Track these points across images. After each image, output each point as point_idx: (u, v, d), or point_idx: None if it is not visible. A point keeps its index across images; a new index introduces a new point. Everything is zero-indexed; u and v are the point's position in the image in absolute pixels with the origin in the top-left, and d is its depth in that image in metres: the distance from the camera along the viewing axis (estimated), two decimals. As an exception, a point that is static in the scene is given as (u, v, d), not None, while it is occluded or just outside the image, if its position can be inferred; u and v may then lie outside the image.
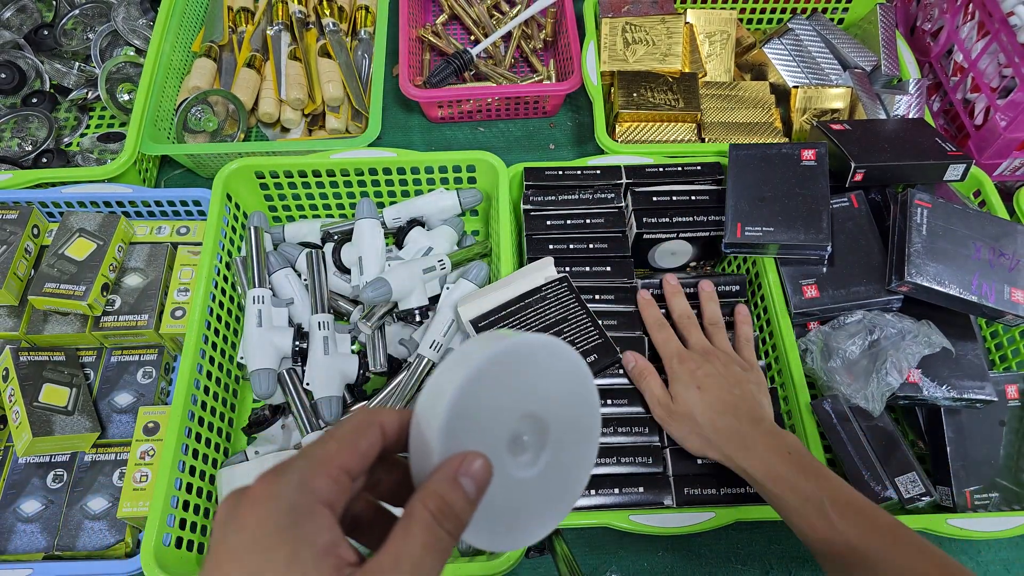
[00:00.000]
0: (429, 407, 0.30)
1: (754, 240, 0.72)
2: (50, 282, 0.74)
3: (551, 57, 1.10)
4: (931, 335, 0.67)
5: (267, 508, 0.27)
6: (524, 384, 0.32)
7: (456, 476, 0.29)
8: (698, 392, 0.63)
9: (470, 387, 0.30)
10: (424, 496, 0.28)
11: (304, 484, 0.27)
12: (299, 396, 0.71)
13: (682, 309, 0.70)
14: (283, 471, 0.28)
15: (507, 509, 0.32)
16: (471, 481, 0.29)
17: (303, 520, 0.27)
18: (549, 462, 0.34)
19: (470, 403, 0.30)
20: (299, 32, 1.03)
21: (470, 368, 0.30)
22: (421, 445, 0.30)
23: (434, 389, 0.30)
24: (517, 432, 0.33)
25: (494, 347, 0.30)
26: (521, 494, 0.33)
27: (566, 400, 0.34)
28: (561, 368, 0.33)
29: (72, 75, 1.03)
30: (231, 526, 0.27)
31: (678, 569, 0.71)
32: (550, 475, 0.34)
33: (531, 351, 0.32)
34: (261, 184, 0.83)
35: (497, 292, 0.70)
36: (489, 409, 0.31)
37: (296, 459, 0.29)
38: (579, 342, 0.67)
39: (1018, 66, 0.80)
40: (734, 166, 0.76)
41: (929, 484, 0.64)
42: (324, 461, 0.28)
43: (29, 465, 0.71)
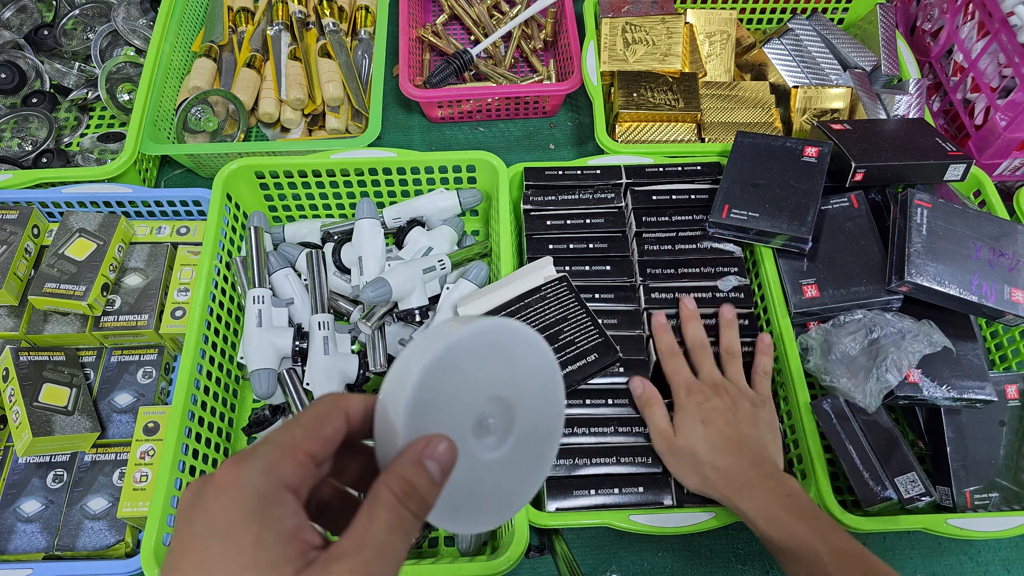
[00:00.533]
0: (394, 391, 0.30)
1: (738, 223, 0.73)
2: (50, 282, 0.74)
3: (551, 57, 1.10)
4: (932, 334, 0.67)
5: (232, 494, 0.27)
6: (490, 367, 0.32)
7: (421, 458, 0.29)
8: (702, 427, 0.61)
9: (435, 370, 0.30)
10: (388, 478, 0.29)
11: (269, 470, 0.28)
12: (299, 396, 0.71)
13: (696, 337, 0.68)
14: (247, 457, 0.28)
15: (472, 491, 0.32)
16: (436, 463, 0.29)
17: (268, 505, 0.27)
18: (514, 445, 0.34)
19: (435, 386, 0.30)
20: (299, 32, 1.03)
21: (435, 352, 0.30)
22: (386, 429, 0.30)
23: (399, 373, 0.30)
24: (483, 415, 0.33)
25: (459, 331, 0.30)
26: (486, 476, 0.33)
27: (532, 385, 0.34)
28: (527, 353, 0.34)
29: (72, 75, 1.03)
30: (196, 512, 0.27)
31: (678, 569, 0.71)
32: (515, 458, 0.34)
33: (497, 335, 0.32)
34: (261, 184, 0.83)
35: (497, 292, 0.70)
36: (454, 392, 0.31)
37: (260, 445, 0.29)
38: (579, 341, 0.67)
39: (1018, 66, 0.80)
40: (736, 152, 0.77)
41: (929, 484, 0.64)
42: (289, 447, 0.29)
43: (29, 465, 0.71)
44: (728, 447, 0.60)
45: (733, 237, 0.75)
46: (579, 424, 0.67)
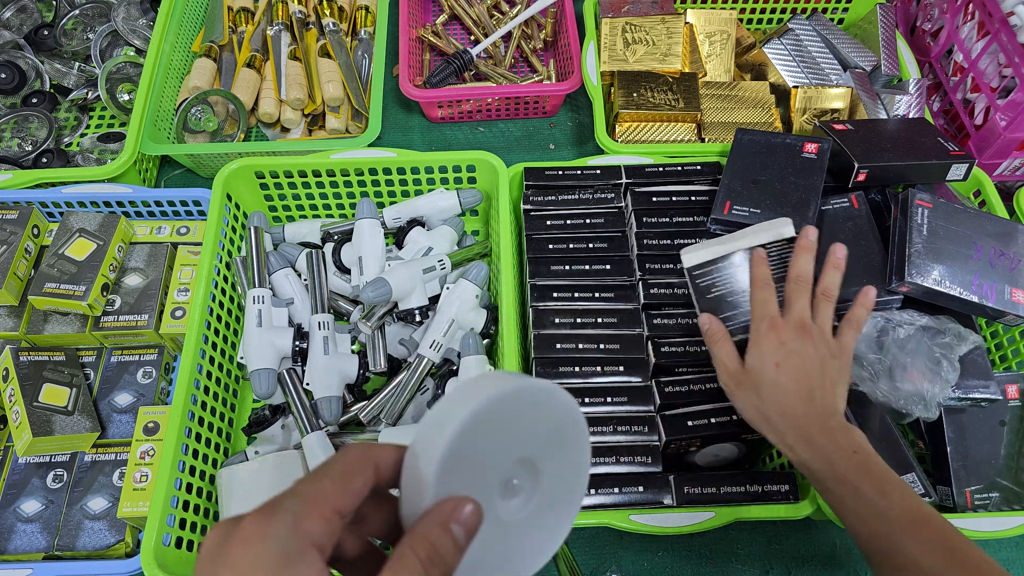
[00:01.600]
0: (426, 446, 0.30)
1: (740, 219, 0.73)
2: (50, 282, 0.74)
3: (551, 57, 1.10)
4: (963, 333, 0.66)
5: (258, 548, 0.27)
6: (520, 428, 0.32)
7: (448, 521, 0.29)
8: (776, 369, 0.58)
9: (469, 429, 0.29)
10: (415, 542, 0.28)
11: (296, 525, 0.27)
12: (299, 396, 0.71)
13: (801, 271, 0.63)
14: (275, 510, 0.28)
15: (491, 552, 0.32)
16: (461, 528, 0.29)
17: (294, 563, 0.27)
18: (537, 506, 0.33)
19: (467, 445, 0.30)
20: (299, 32, 1.03)
21: (471, 408, 0.29)
22: (414, 485, 0.30)
23: (432, 429, 0.30)
24: (509, 475, 0.32)
25: (496, 390, 0.30)
26: (507, 537, 0.33)
27: (560, 445, 0.34)
28: (557, 413, 0.33)
29: (72, 75, 1.03)
30: (220, 562, 0.27)
31: (678, 569, 0.71)
32: (537, 519, 0.34)
33: (531, 396, 0.32)
34: (261, 184, 0.83)
35: (723, 244, 0.68)
36: (485, 452, 0.31)
37: (288, 497, 0.28)
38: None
39: (1018, 66, 0.80)
40: (736, 148, 0.77)
41: (928, 485, 0.64)
42: (317, 502, 0.28)
43: (29, 465, 0.71)
44: (799, 394, 0.57)
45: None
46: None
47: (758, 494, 0.65)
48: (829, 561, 0.72)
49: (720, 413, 0.67)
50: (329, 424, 0.71)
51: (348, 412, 0.73)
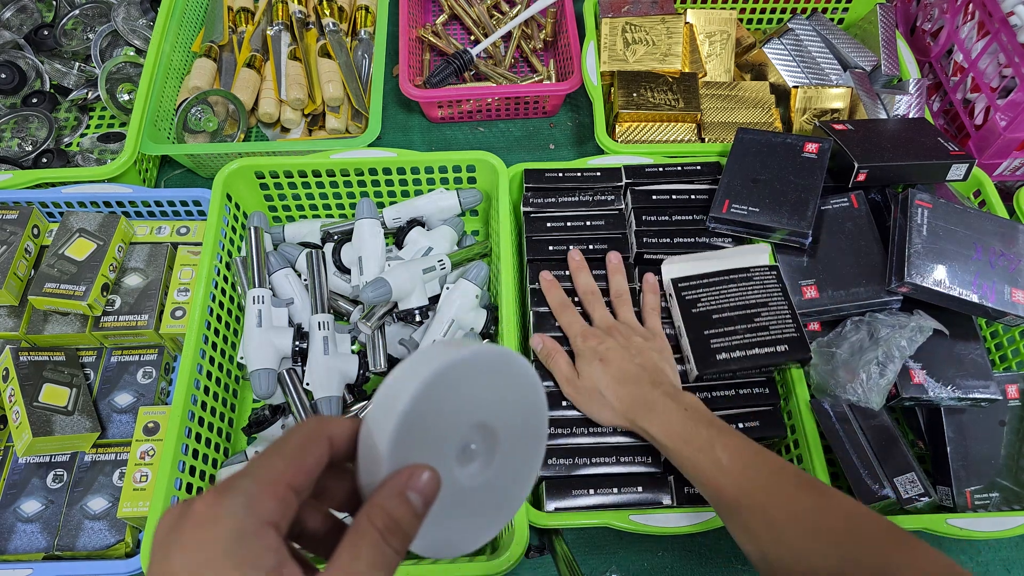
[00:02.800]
0: (379, 418, 0.30)
1: (739, 218, 0.73)
2: (50, 282, 0.74)
3: (551, 57, 1.10)
4: (921, 321, 0.67)
5: (212, 530, 0.26)
6: (476, 394, 0.32)
7: (404, 490, 0.29)
8: (601, 365, 0.64)
9: (422, 398, 0.29)
10: (371, 512, 0.28)
11: (249, 505, 0.27)
12: (299, 396, 0.71)
13: (585, 285, 0.72)
14: (227, 491, 0.27)
15: (451, 517, 0.32)
16: (418, 496, 0.29)
17: (248, 542, 0.26)
18: (496, 471, 0.33)
19: (421, 413, 0.30)
20: (299, 32, 1.03)
21: (422, 378, 0.29)
22: (369, 456, 0.30)
23: (385, 399, 0.30)
24: (466, 441, 0.32)
25: (448, 357, 0.30)
26: (466, 502, 0.33)
27: (516, 410, 0.34)
28: (514, 378, 0.33)
29: (72, 75, 1.03)
30: (173, 546, 0.27)
31: (678, 569, 0.71)
32: (496, 483, 0.34)
33: (484, 362, 0.32)
34: (261, 184, 0.83)
35: (706, 261, 0.72)
36: (440, 419, 0.31)
37: (240, 477, 0.28)
38: (773, 329, 0.67)
39: (1018, 66, 0.80)
40: (736, 147, 0.78)
41: (928, 485, 0.64)
42: (269, 480, 0.28)
43: (29, 465, 0.71)
44: (627, 378, 0.63)
45: (733, 232, 0.75)
46: (578, 424, 0.67)
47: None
48: (829, 561, 0.72)
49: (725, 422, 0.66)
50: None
51: (348, 412, 0.73)
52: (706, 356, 0.66)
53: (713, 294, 0.69)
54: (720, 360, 0.66)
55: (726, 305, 0.69)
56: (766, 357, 0.66)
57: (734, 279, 0.70)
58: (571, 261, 0.74)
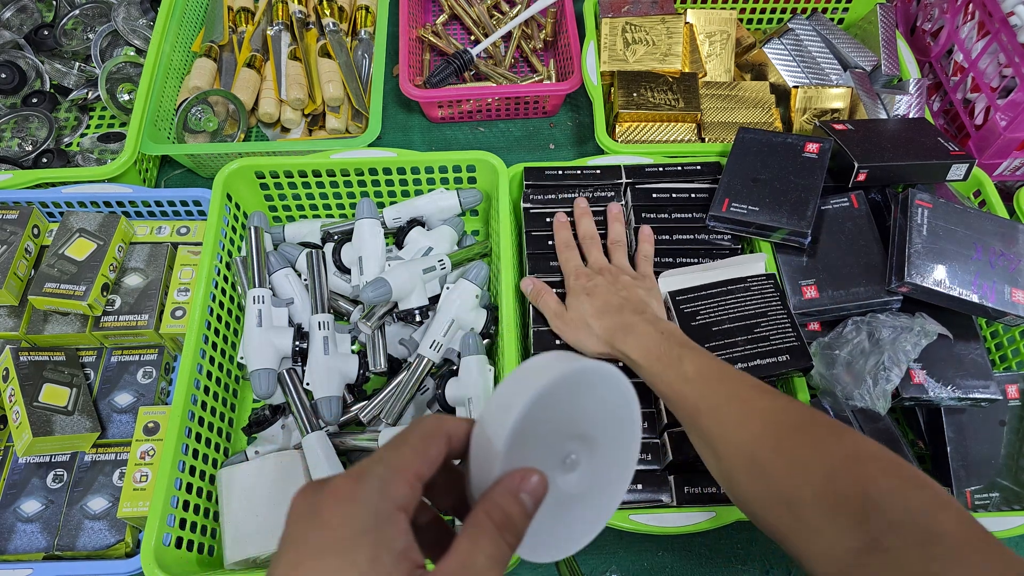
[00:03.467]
0: (495, 421, 0.31)
1: (738, 217, 0.73)
2: (50, 282, 0.74)
3: (551, 57, 1.10)
4: (925, 324, 0.67)
5: (351, 508, 0.28)
6: (580, 406, 0.34)
7: (517, 490, 0.30)
8: (587, 298, 0.67)
9: (537, 404, 0.31)
10: (489, 508, 0.30)
11: (385, 489, 0.29)
12: (299, 396, 0.71)
13: (586, 229, 0.74)
14: (364, 474, 0.29)
15: (551, 522, 0.34)
16: (529, 496, 0.31)
17: (383, 524, 0.28)
18: (592, 480, 0.35)
19: (533, 421, 0.31)
20: (299, 32, 1.03)
21: (539, 386, 0.31)
22: (483, 456, 0.32)
23: (501, 403, 0.32)
24: (569, 451, 0.34)
25: (562, 368, 0.32)
26: (565, 509, 0.35)
27: (614, 423, 0.36)
28: (614, 392, 0.35)
29: (72, 75, 1.03)
30: (313, 523, 0.28)
31: (678, 569, 0.71)
32: (592, 492, 0.36)
33: (592, 375, 0.33)
34: (261, 184, 0.83)
35: (703, 273, 0.72)
36: (548, 427, 0.33)
37: (374, 463, 0.30)
38: (774, 339, 0.67)
39: (1018, 66, 0.80)
40: (737, 147, 0.78)
41: (929, 484, 0.64)
42: (401, 468, 0.30)
43: (29, 465, 0.71)
44: (610, 309, 0.65)
45: (733, 231, 0.75)
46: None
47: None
48: (829, 561, 0.72)
49: None
50: (329, 424, 0.71)
51: (348, 412, 0.73)
52: None
53: (711, 306, 0.69)
54: None
55: (725, 317, 0.68)
56: (768, 368, 0.65)
57: (732, 290, 0.70)
58: (576, 207, 0.76)
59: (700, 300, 0.70)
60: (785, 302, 0.69)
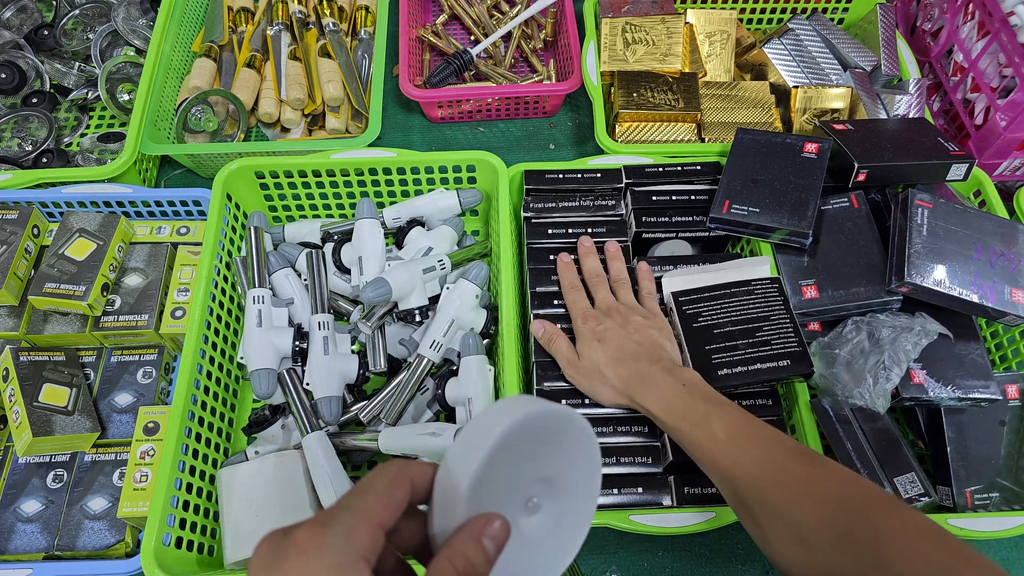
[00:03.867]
0: (459, 465, 0.32)
1: (739, 218, 0.73)
2: (50, 282, 0.74)
3: (551, 57, 1.10)
4: (926, 324, 0.67)
5: (314, 559, 0.28)
6: (543, 449, 0.34)
7: (480, 536, 0.30)
8: (599, 345, 0.65)
9: (500, 448, 0.31)
10: (452, 554, 0.30)
11: (348, 538, 0.29)
12: (299, 396, 0.71)
13: (591, 268, 0.73)
14: (328, 523, 0.29)
15: (514, 564, 0.34)
16: (492, 542, 0.31)
17: (347, 574, 0.28)
18: (555, 521, 0.36)
19: (496, 465, 0.31)
20: (299, 32, 1.03)
21: (501, 430, 0.31)
22: (447, 501, 0.32)
23: (465, 447, 0.32)
24: (531, 493, 0.35)
25: (525, 411, 0.32)
26: (528, 551, 0.35)
27: (575, 465, 0.36)
28: (574, 436, 0.35)
29: (72, 75, 1.03)
30: (275, 573, 0.28)
31: (678, 569, 0.71)
32: (555, 534, 0.36)
33: (555, 419, 0.34)
34: (261, 184, 0.83)
35: (707, 274, 0.72)
36: (511, 471, 0.33)
37: (339, 511, 0.30)
38: (775, 343, 0.66)
39: (1018, 66, 0.80)
40: (736, 148, 0.77)
41: (928, 485, 0.64)
42: (365, 516, 0.30)
43: (29, 465, 0.71)
44: (625, 356, 0.63)
45: (733, 232, 0.75)
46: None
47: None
48: (829, 561, 0.72)
49: None
50: (329, 424, 0.71)
51: (348, 412, 0.73)
52: (707, 371, 0.65)
53: (714, 308, 0.69)
54: (721, 375, 0.65)
55: (727, 319, 0.68)
56: (768, 372, 0.65)
57: (735, 292, 0.70)
58: (580, 247, 0.75)
59: (703, 302, 0.70)
60: (788, 307, 0.69)
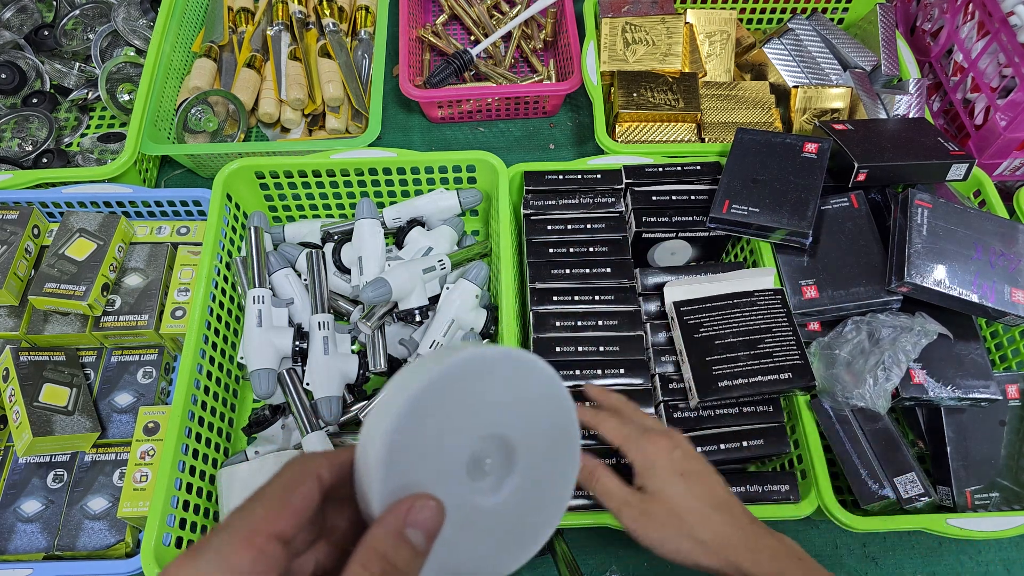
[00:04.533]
0: (368, 445, 0.27)
1: (739, 218, 0.73)
2: (50, 282, 0.74)
3: (551, 57, 1.10)
4: (925, 324, 0.67)
5: None
6: (481, 403, 0.29)
7: (402, 528, 0.26)
8: (683, 481, 0.50)
9: (410, 415, 0.27)
10: (366, 559, 0.25)
11: (221, 562, 0.25)
12: (299, 396, 0.71)
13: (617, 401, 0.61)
14: (199, 550, 0.25)
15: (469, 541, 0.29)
16: (420, 532, 0.26)
17: None
18: (518, 486, 0.30)
19: (413, 432, 0.27)
20: (299, 32, 1.03)
21: (407, 396, 0.26)
22: (363, 486, 0.27)
23: (373, 423, 0.28)
24: (478, 455, 0.29)
25: (438, 366, 0.27)
26: (486, 524, 0.29)
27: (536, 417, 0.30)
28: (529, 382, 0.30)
29: (72, 75, 1.03)
30: None
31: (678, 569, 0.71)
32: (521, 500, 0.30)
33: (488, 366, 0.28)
34: (261, 184, 0.83)
35: (708, 284, 0.71)
36: (438, 435, 0.28)
37: (216, 533, 0.26)
38: (777, 355, 0.66)
39: (1018, 66, 0.80)
40: (736, 148, 0.77)
41: (928, 485, 0.64)
42: (246, 532, 0.26)
43: (29, 465, 0.71)
44: (720, 505, 0.50)
45: (733, 232, 0.75)
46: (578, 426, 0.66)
47: (758, 494, 0.65)
48: (829, 561, 0.72)
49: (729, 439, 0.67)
50: (329, 424, 0.71)
51: (348, 412, 0.73)
52: (708, 383, 0.65)
53: (716, 319, 0.68)
54: (722, 387, 0.65)
55: (729, 331, 0.68)
56: (769, 385, 0.65)
57: (738, 303, 0.69)
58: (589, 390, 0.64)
59: (705, 312, 0.69)
60: (791, 319, 0.68)
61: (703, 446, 0.66)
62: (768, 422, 0.67)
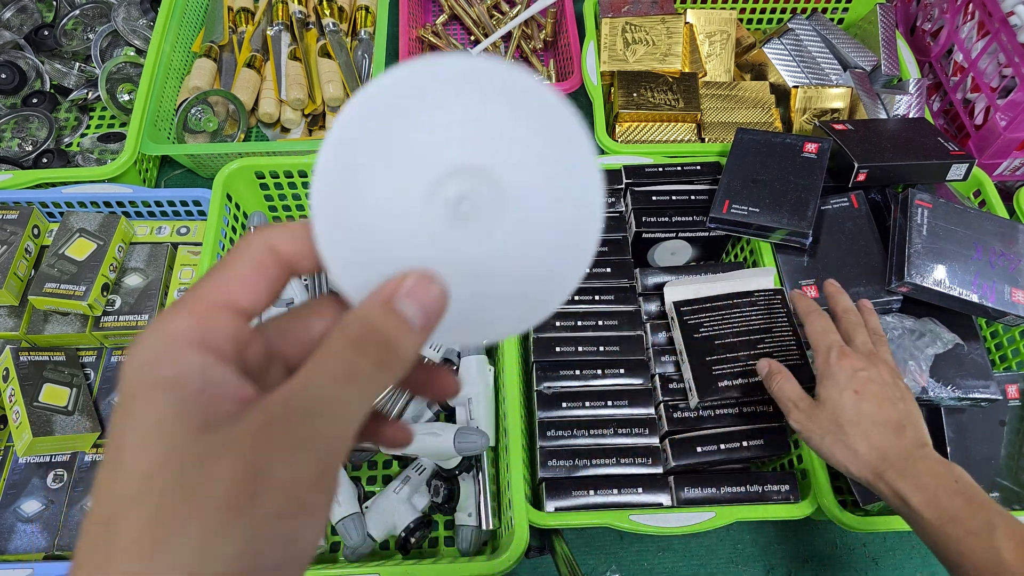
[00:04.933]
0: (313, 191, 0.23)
1: (739, 218, 0.73)
2: (50, 282, 0.74)
3: (551, 57, 1.10)
4: (940, 333, 0.67)
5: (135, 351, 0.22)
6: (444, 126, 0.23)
7: (390, 300, 0.23)
8: (855, 396, 0.53)
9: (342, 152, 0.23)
10: (347, 320, 0.23)
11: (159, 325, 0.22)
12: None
13: (848, 305, 0.61)
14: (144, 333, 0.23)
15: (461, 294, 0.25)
16: (413, 304, 0.23)
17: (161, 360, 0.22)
18: (512, 232, 0.24)
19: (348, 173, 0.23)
20: (299, 32, 1.03)
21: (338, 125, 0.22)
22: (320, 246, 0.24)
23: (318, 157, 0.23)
24: (459, 193, 0.24)
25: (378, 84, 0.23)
26: (481, 273, 0.25)
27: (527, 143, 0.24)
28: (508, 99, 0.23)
29: (72, 75, 1.03)
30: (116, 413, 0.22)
31: (678, 569, 0.71)
32: (520, 246, 0.25)
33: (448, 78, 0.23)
34: (261, 184, 0.83)
35: (709, 284, 0.71)
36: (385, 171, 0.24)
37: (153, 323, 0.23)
38: (777, 356, 0.66)
39: (1018, 66, 0.80)
40: (736, 148, 0.77)
41: (929, 484, 0.64)
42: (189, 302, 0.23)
43: (29, 465, 0.71)
44: (888, 424, 0.52)
45: (733, 232, 0.75)
46: (578, 426, 0.67)
47: (758, 494, 0.65)
48: (829, 561, 0.72)
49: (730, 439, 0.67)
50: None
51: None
52: (708, 383, 0.65)
53: (716, 319, 0.69)
54: (722, 387, 0.65)
55: (729, 331, 0.68)
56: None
57: (738, 303, 0.69)
58: (829, 286, 0.64)
59: (705, 312, 0.69)
60: (791, 318, 0.68)
61: (703, 446, 0.66)
62: (768, 422, 0.67)
